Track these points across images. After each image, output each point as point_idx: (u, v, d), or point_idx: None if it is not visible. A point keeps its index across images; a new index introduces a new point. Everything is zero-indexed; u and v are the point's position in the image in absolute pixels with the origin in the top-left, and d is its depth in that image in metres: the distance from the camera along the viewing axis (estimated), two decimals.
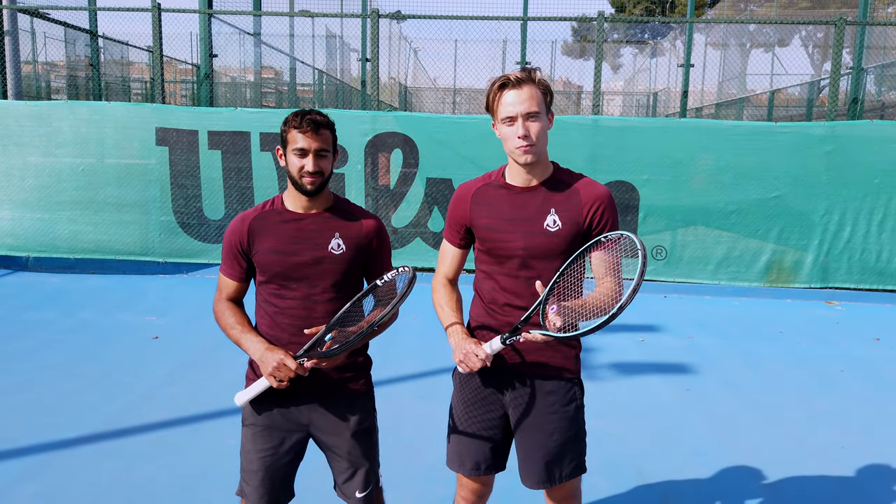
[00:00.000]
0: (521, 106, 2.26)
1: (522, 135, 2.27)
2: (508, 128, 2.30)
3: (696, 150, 7.75)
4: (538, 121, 2.29)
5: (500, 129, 2.34)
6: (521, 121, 2.27)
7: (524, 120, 2.27)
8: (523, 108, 2.26)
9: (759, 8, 20.06)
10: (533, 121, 2.28)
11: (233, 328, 2.43)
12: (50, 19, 10.75)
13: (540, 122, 2.29)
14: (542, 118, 2.30)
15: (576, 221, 2.36)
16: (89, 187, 8.17)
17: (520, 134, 2.27)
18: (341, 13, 14.93)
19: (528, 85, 2.28)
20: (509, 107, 2.27)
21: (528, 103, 2.26)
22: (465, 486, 2.61)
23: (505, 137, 2.33)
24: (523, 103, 2.26)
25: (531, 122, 2.28)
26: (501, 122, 2.32)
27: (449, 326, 2.43)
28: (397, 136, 8.01)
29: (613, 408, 4.74)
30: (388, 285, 2.37)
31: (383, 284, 2.36)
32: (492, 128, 2.41)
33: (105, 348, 5.70)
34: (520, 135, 2.27)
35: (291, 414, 2.47)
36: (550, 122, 2.35)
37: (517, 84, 2.27)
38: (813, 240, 7.80)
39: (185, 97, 22.28)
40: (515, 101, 2.27)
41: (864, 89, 11.38)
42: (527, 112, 2.27)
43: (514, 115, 2.27)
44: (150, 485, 3.60)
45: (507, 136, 2.31)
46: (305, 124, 2.32)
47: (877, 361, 5.95)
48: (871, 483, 3.86)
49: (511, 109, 2.27)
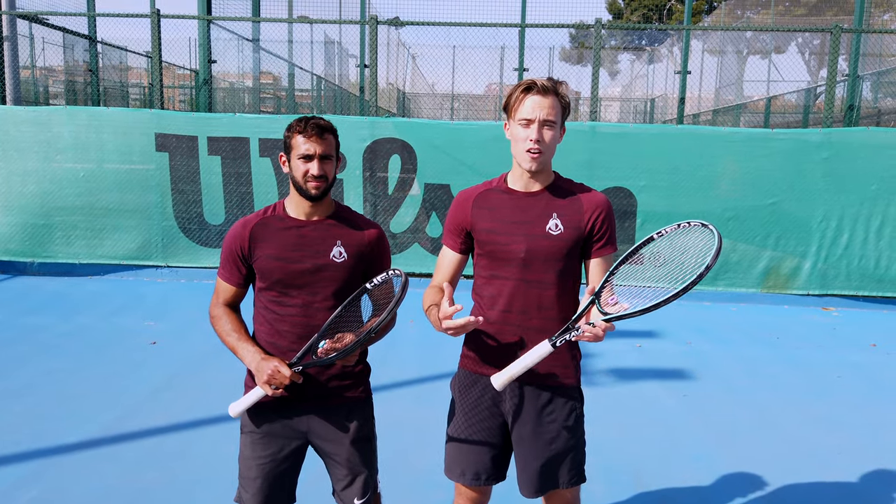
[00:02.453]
0: (541, 112, 2.29)
1: (536, 139, 2.29)
2: (523, 129, 2.32)
3: (694, 156, 7.78)
4: (553, 130, 2.32)
5: (514, 129, 2.36)
6: (537, 125, 2.30)
7: (540, 126, 2.30)
8: (543, 115, 2.29)
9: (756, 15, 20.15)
10: (548, 129, 2.31)
11: (229, 335, 2.44)
12: (49, 24, 10.77)
13: (554, 131, 2.33)
14: (557, 129, 2.34)
15: (577, 226, 2.38)
16: (89, 193, 8.18)
17: (533, 137, 2.29)
18: (340, 19, 14.98)
19: (553, 95, 2.32)
20: (530, 110, 2.30)
21: (548, 111, 2.30)
22: (462, 494, 2.61)
23: (516, 139, 2.35)
24: (544, 109, 2.29)
25: (546, 129, 2.31)
26: (517, 123, 2.33)
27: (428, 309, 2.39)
28: (395, 142, 8.03)
29: (611, 413, 4.75)
30: (384, 290, 2.38)
31: (373, 288, 2.37)
32: (503, 129, 2.43)
33: (103, 353, 5.70)
34: (533, 138, 2.29)
35: (290, 421, 2.48)
36: (561, 136, 2.39)
37: (543, 91, 2.31)
38: (811, 246, 7.82)
39: (184, 102, 22.31)
40: (537, 106, 2.30)
41: (860, 96, 11.43)
42: (545, 119, 2.30)
43: (533, 118, 2.30)
44: (148, 491, 3.60)
45: (518, 137, 2.33)
46: (310, 129, 2.34)
47: (873, 367, 5.97)
48: (869, 488, 3.88)
49: (531, 112, 2.30)
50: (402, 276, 2.30)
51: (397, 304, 2.23)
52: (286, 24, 14.60)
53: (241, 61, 14.08)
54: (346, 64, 18.53)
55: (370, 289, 2.37)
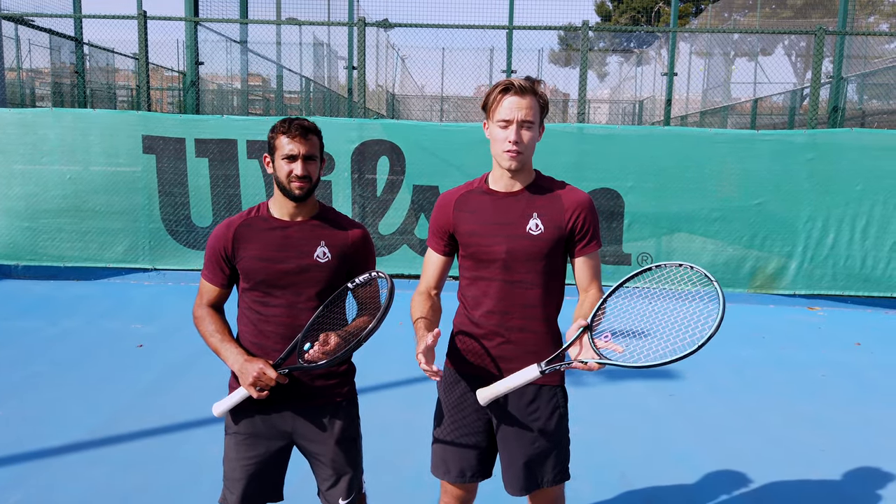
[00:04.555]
0: (519, 112, 2.30)
1: (514, 140, 2.30)
2: (502, 130, 2.33)
3: (680, 157, 7.83)
4: (531, 130, 2.33)
5: (493, 129, 2.37)
6: (515, 126, 2.31)
7: (519, 127, 2.31)
8: (521, 115, 2.30)
9: (743, 17, 20.29)
10: (527, 129, 2.32)
11: (212, 336, 2.44)
12: (34, 26, 10.71)
13: (532, 131, 2.34)
14: (535, 129, 2.35)
15: (558, 226, 2.39)
16: (76, 195, 8.13)
17: (511, 138, 2.30)
18: (328, 21, 14.95)
19: (531, 95, 2.33)
20: (508, 111, 2.31)
21: (526, 111, 2.31)
22: (448, 492, 2.62)
23: (495, 139, 2.36)
24: (522, 110, 2.30)
25: (525, 129, 2.32)
26: (496, 123, 2.35)
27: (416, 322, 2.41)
28: (384, 143, 8.04)
29: (597, 413, 4.77)
30: (369, 290, 2.39)
31: (355, 287, 2.37)
32: (483, 128, 2.44)
33: (90, 357, 5.67)
34: (511, 139, 2.30)
35: (274, 422, 2.48)
36: (540, 135, 2.40)
37: (521, 92, 2.31)
38: (796, 246, 7.88)
39: (172, 104, 22.21)
40: (515, 106, 2.31)
41: (844, 98, 11.54)
42: (523, 119, 2.31)
43: (511, 119, 2.31)
44: (135, 494, 3.59)
45: (497, 137, 2.35)
46: (294, 130, 2.35)
47: (857, 366, 6.02)
48: (852, 486, 3.91)
49: (509, 113, 2.31)
50: (388, 281, 2.30)
51: (385, 313, 2.22)
52: (274, 26, 14.57)
53: (230, 63, 14.04)
54: (336, 66, 18.51)
55: (352, 288, 2.38)
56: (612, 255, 8.04)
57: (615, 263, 8.05)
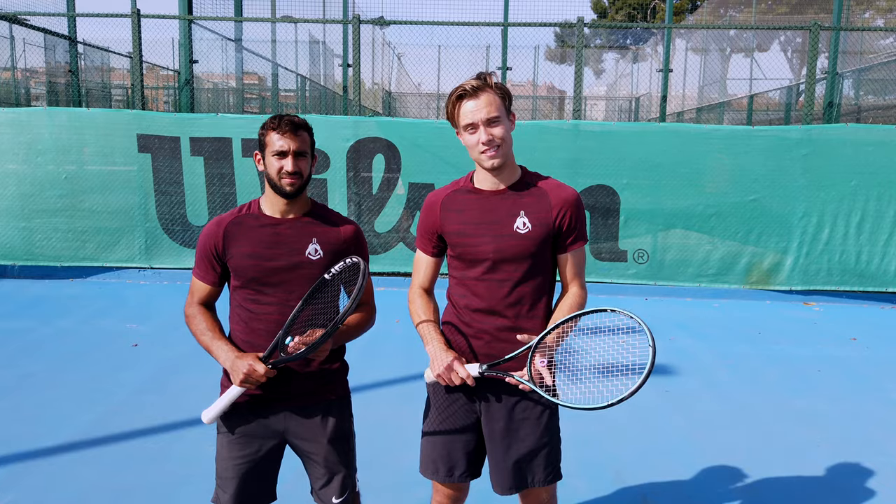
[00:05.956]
0: (480, 113, 2.29)
1: (486, 140, 2.29)
2: (471, 135, 2.32)
3: (676, 153, 7.82)
4: (499, 125, 2.31)
5: (464, 137, 2.36)
6: (482, 127, 2.30)
7: (485, 126, 2.30)
8: (483, 115, 2.29)
9: (739, 13, 20.28)
10: (494, 125, 2.30)
11: (203, 334, 2.43)
12: (29, 25, 10.67)
13: (502, 125, 2.32)
14: (504, 121, 2.33)
15: (546, 223, 2.38)
16: (71, 195, 8.11)
17: (483, 140, 2.30)
18: (324, 19, 14.92)
19: (485, 92, 2.30)
20: (469, 115, 2.30)
21: (486, 109, 2.29)
22: (440, 491, 2.61)
23: (469, 145, 2.35)
24: (482, 110, 2.29)
25: (492, 126, 2.30)
26: (464, 130, 2.34)
27: (426, 334, 2.43)
28: (379, 141, 8.03)
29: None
30: (351, 279, 2.37)
31: (332, 278, 2.36)
32: (456, 136, 2.43)
33: (84, 356, 5.65)
34: (483, 140, 2.30)
35: (267, 421, 2.47)
36: (512, 124, 2.38)
37: (473, 93, 2.30)
38: (792, 242, 7.89)
39: (168, 104, 22.17)
40: (474, 108, 2.29)
41: (839, 93, 11.55)
42: (486, 118, 2.29)
43: (475, 122, 2.30)
44: (128, 493, 3.58)
45: (470, 143, 2.34)
46: (284, 126, 2.34)
47: (853, 361, 6.03)
48: (847, 481, 3.92)
49: (471, 117, 2.30)
50: (361, 262, 2.29)
51: (359, 293, 2.21)
52: (269, 24, 14.53)
53: (225, 62, 14.00)
54: (331, 64, 18.46)
55: (328, 279, 2.36)
56: (608, 251, 8.04)
57: (611, 260, 8.05)
